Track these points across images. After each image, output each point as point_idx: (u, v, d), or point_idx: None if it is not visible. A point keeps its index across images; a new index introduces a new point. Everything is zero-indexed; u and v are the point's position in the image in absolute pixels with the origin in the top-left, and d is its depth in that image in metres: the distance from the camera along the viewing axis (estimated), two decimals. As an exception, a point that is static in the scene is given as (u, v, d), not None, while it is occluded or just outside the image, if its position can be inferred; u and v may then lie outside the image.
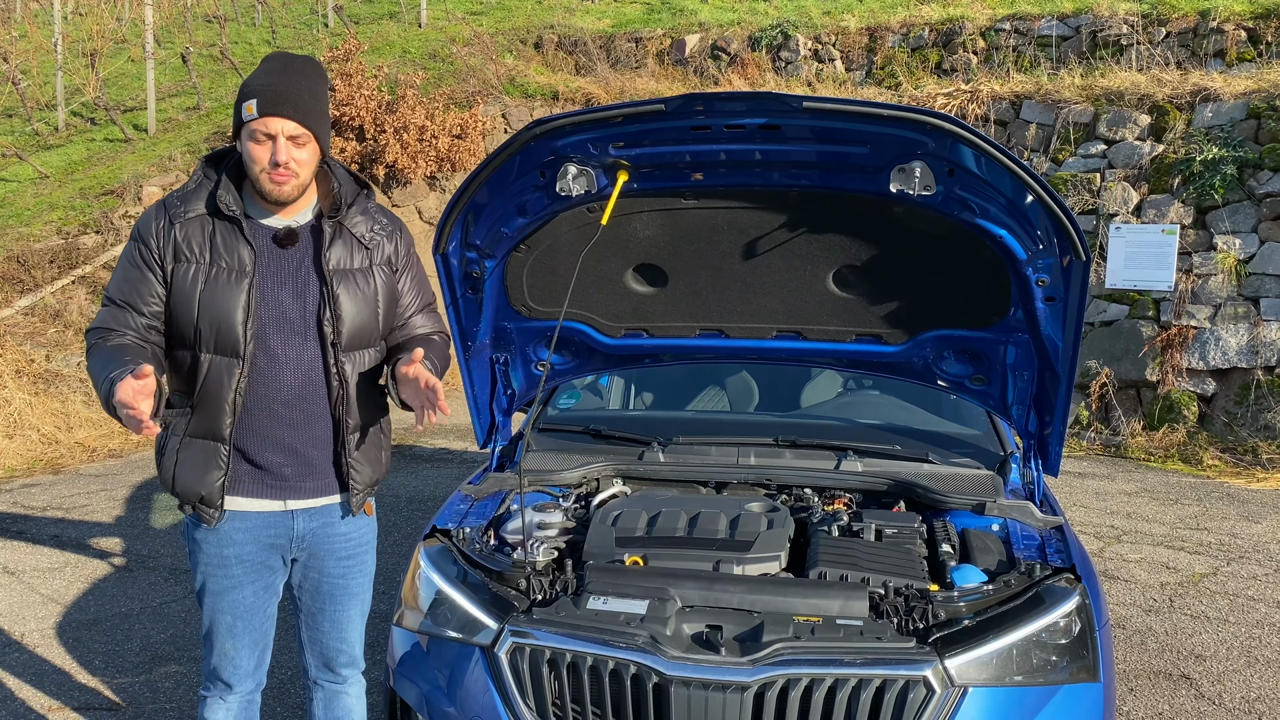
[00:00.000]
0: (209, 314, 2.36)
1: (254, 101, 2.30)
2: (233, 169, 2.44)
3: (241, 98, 2.34)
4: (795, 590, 2.49)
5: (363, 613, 2.73)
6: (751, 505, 2.94)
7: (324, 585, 2.64)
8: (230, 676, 2.61)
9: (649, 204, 2.87)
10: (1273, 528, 6.50)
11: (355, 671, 2.74)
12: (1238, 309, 9.01)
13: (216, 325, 2.36)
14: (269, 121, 2.30)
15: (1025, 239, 2.62)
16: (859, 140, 2.55)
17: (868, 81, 12.97)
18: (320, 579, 2.64)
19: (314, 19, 17.13)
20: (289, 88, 2.33)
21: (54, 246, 10.18)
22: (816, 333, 3.10)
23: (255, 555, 2.53)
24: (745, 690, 2.25)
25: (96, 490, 7.13)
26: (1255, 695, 4.01)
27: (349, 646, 2.70)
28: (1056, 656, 2.44)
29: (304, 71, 2.39)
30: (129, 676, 4.10)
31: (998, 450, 3.47)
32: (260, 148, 2.32)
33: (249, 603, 2.56)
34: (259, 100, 2.30)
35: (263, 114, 2.29)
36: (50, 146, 12.98)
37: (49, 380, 8.92)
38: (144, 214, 2.44)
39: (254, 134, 2.31)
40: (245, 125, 2.33)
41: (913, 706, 2.24)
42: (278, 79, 2.33)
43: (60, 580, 5.25)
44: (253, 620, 2.58)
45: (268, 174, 2.34)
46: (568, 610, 2.46)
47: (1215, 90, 9.65)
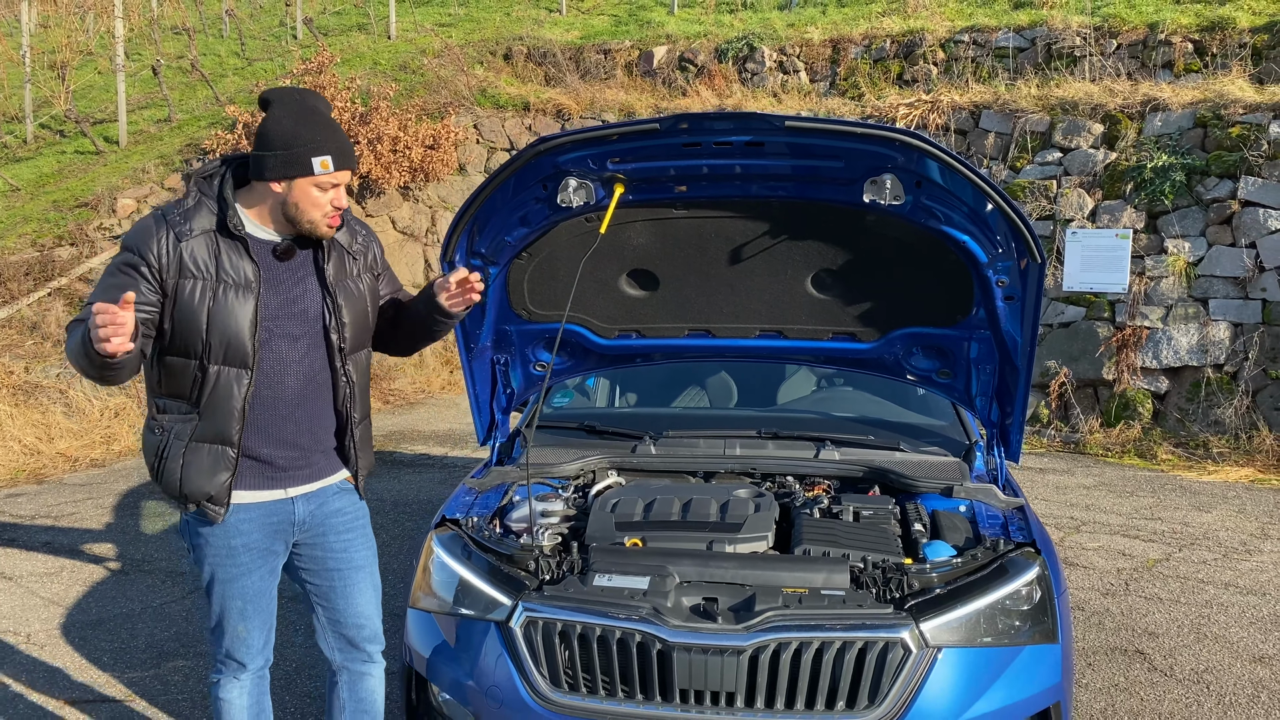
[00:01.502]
0: (219, 328, 2.50)
1: (329, 159, 2.51)
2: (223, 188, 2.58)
3: (306, 151, 2.50)
4: (783, 565, 2.73)
5: (375, 587, 2.89)
6: (739, 491, 3.18)
7: (329, 561, 2.81)
8: (244, 656, 2.78)
9: (642, 214, 3.11)
10: (1222, 517, 6.83)
11: (378, 647, 2.90)
12: (1188, 310, 9.39)
13: (226, 339, 2.51)
14: (339, 175, 2.53)
15: (986, 244, 2.89)
16: (835, 155, 2.80)
17: (831, 92, 13.30)
18: (325, 555, 2.80)
19: (282, 31, 17.22)
20: (346, 141, 2.57)
21: (29, 259, 10.23)
22: (796, 332, 3.35)
23: (260, 542, 2.69)
24: (741, 653, 2.48)
25: (83, 499, 7.22)
26: (1204, 668, 4.30)
27: (368, 620, 2.85)
28: (1020, 621, 2.69)
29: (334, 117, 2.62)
30: (138, 671, 4.26)
31: (963, 439, 3.74)
32: (324, 195, 2.54)
33: (257, 587, 2.72)
34: (334, 157, 2.52)
35: (338, 169, 2.52)
36: (20, 159, 12.99)
37: (28, 391, 8.97)
38: (139, 228, 2.51)
39: (322, 184, 2.52)
40: (313, 176, 2.51)
41: (891, 665, 2.48)
42: (337, 133, 2.54)
43: (59, 584, 5.38)
44: (260, 602, 2.75)
45: (327, 218, 2.57)
46: (576, 587, 2.69)
47: (1164, 100, 10.06)
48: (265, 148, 2.52)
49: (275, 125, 2.52)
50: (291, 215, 2.56)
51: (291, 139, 2.50)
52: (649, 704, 2.52)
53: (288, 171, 2.51)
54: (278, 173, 2.52)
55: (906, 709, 2.47)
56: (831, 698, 2.48)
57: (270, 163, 2.51)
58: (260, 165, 2.53)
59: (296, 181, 2.52)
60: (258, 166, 2.53)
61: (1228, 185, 9.28)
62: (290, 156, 2.50)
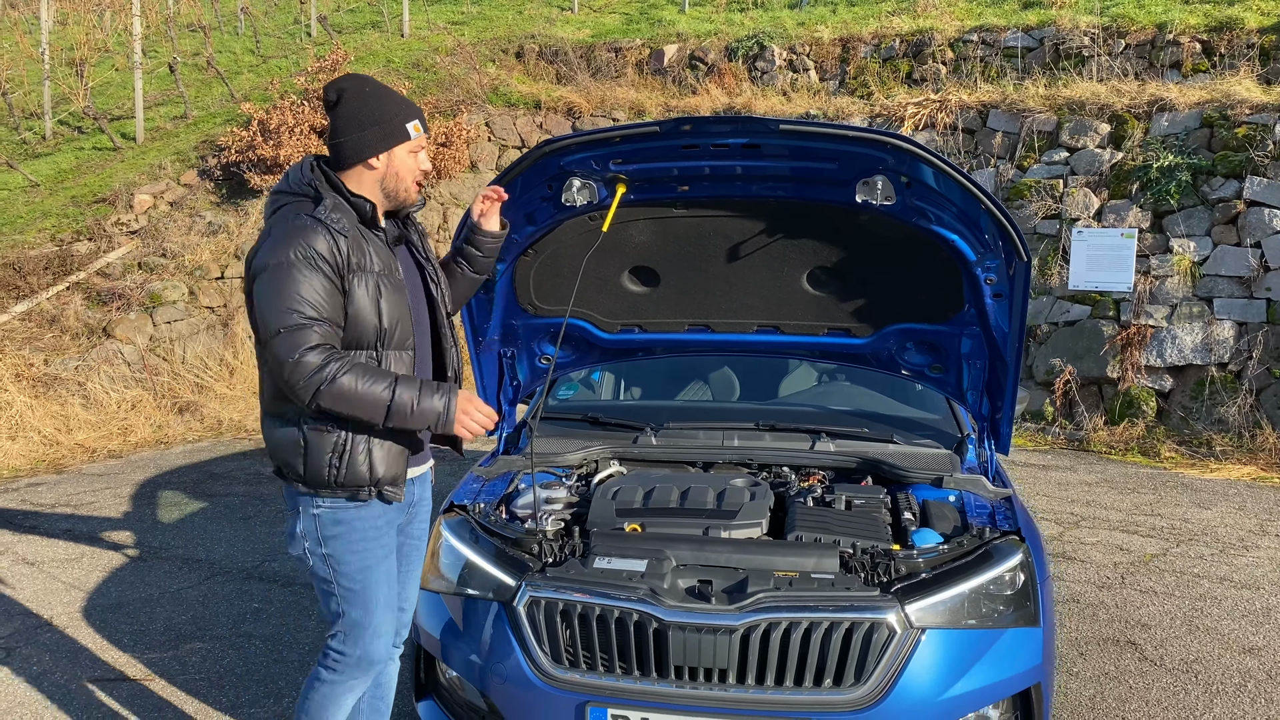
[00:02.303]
0: (388, 316, 2.58)
1: (417, 121, 2.65)
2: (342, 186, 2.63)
3: (400, 119, 2.61)
4: (775, 550, 2.85)
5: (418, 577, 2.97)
6: (735, 481, 3.30)
7: (405, 546, 2.85)
8: (382, 652, 2.71)
9: (644, 213, 3.23)
10: (1222, 513, 6.91)
11: (405, 635, 2.94)
12: (1193, 309, 9.45)
13: (395, 323, 2.60)
14: (423, 138, 2.67)
15: (974, 243, 3.00)
16: (828, 157, 2.92)
17: (840, 91, 13.38)
18: (405, 540, 2.86)
19: (297, 29, 17.38)
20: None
21: (48, 253, 10.40)
22: (792, 327, 3.47)
23: (397, 517, 2.74)
24: (733, 632, 2.60)
25: (101, 488, 7.39)
26: (1194, 658, 4.40)
27: (410, 608, 2.93)
28: (1003, 605, 2.81)
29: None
30: (157, 652, 4.40)
31: (955, 432, 3.85)
32: (416, 160, 2.67)
33: (392, 569, 2.71)
34: (420, 120, 2.65)
35: (424, 130, 2.67)
36: (39, 155, 13.17)
37: (48, 383, 9.15)
38: (302, 232, 2.47)
39: (413, 148, 2.65)
40: (407, 141, 2.63)
41: (876, 645, 2.60)
42: (412, 101, 2.68)
43: (79, 570, 5.53)
44: (393, 586, 2.73)
45: (419, 182, 2.69)
46: (577, 569, 2.81)
47: (1171, 100, 10.13)
48: (359, 128, 2.59)
49: (363, 105, 2.60)
50: (391, 187, 2.65)
51: (384, 112, 2.61)
52: (645, 679, 2.65)
53: (388, 143, 2.61)
54: (379, 146, 2.60)
55: (891, 687, 2.58)
56: (819, 675, 2.60)
57: (369, 139, 2.59)
58: (358, 146, 2.59)
59: (395, 150, 2.62)
60: (355, 149, 2.60)
61: (1233, 185, 9.34)
62: (389, 128, 2.61)
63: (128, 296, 10.11)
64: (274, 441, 2.61)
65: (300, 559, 2.65)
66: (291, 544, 2.67)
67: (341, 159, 2.62)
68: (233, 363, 10.42)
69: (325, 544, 2.60)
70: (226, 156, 11.55)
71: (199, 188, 11.69)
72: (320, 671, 2.72)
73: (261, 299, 2.46)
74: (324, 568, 2.62)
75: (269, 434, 2.63)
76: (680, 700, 2.60)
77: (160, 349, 10.05)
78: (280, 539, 6.06)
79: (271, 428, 2.62)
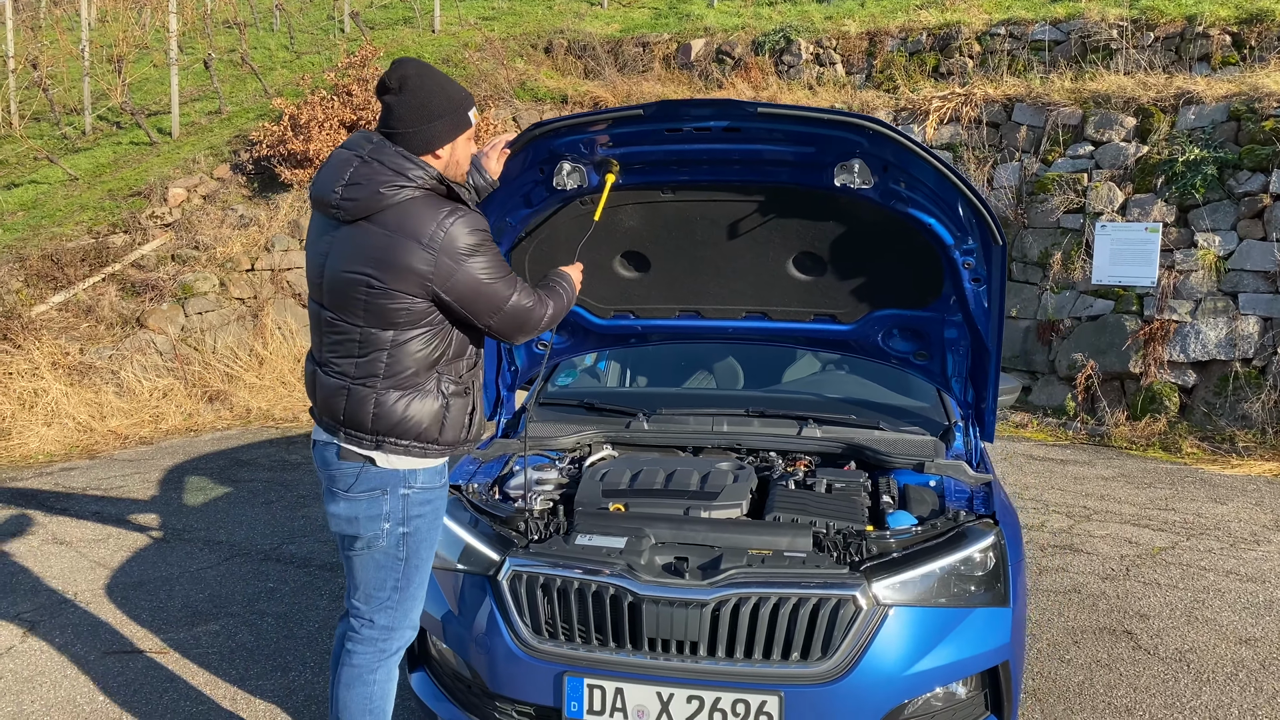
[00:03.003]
0: None
1: (474, 109, 2.75)
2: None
3: (464, 106, 2.70)
4: (751, 529, 2.93)
5: None
6: (721, 464, 3.39)
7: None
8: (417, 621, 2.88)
9: (634, 197, 3.32)
10: (1237, 509, 6.87)
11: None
12: (1217, 304, 9.37)
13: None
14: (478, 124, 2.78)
15: (951, 226, 3.06)
16: (807, 141, 2.99)
17: (867, 85, 13.37)
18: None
19: (330, 25, 17.62)
20: None
21: (85, 245, 10.67)
22: (780, 313, 3.54)
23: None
24: (704, 606, 2.69)
25: (131, 473, 7.61)
26: (1188, 647, 4.42)
27: None
28: (974, 586, 2.87)
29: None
30: (173, 628, 4.57)
31: (943, 420, 3.91)
32: (470, 145, 2.77)
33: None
34: (474, 105, 2.75)
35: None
36: (78, 149, 13.49)
37: (83, 372, 9.41)
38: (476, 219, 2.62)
39: (471, 135, 2.75)
40: (471, 127, 2.73)
41: (843, 621, 2.68)
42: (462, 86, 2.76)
43: (105, 549, 5.73)
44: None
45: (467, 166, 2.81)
46: (559, 545, 2.92)
47: (1198, 93, 10.03)
48: (428, 119, 2.63)
49: (430, 95, 2.63)
50: (450, 175, 2.73)
51: (450, 102, 2.66)
52: (621, 651, 2.74)
53: (454, 133, 2.68)
54: (449, 135, 2.67)
55: (857, 660, 2.66)
56: (787, 648, 2.68)
57: (439, 130, 2.65)
58: (428, 138, 2.64)
59: (459, 139, 2.71)
60: (425, 140, 2.64)
61: (1260, 179, 9.25)
62: (456, 118, 2.68)
63: (161, 288, 10.35)
64: (409, 416, 2.66)
65: (372, 538, 2.72)
66: (362, 525, 2.72)
67: (408, 148, 2.64)
68: (262, 353, 10.64)
69: (408, 523, 2.74)
70: (258, 151, 11.78)
71: (231, 181, 11.93)
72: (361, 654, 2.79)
73: (480, 278, 2.61)
74: (399, 546, 2.75)
75: (401, 411, 2.66)
76: (653, 671, 2.70)
77: (191, 339, 10.29)
78: (299, 522, 6.22)
79: (406, 404, 2.67)
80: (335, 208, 2.60)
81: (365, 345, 2.65)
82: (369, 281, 2.57)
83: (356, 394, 2.67)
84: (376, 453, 2.70)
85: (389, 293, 2.57)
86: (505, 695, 2.86)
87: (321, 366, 2.76)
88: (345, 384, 2.69)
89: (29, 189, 12.29)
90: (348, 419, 2.69)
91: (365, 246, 2.57)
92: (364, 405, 2.67)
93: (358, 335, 2.64)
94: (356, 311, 2.61)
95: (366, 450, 2.69)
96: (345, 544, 2.79)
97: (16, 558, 5.56)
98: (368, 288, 2.58)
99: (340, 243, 2.63)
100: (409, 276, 2.55)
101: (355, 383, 2.67)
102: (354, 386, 2.67)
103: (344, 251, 2.62)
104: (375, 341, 2.64)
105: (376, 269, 2.56)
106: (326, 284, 2.67)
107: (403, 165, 2.59)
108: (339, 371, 2.70)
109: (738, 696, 2.64)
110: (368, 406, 2.67)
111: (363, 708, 2.80)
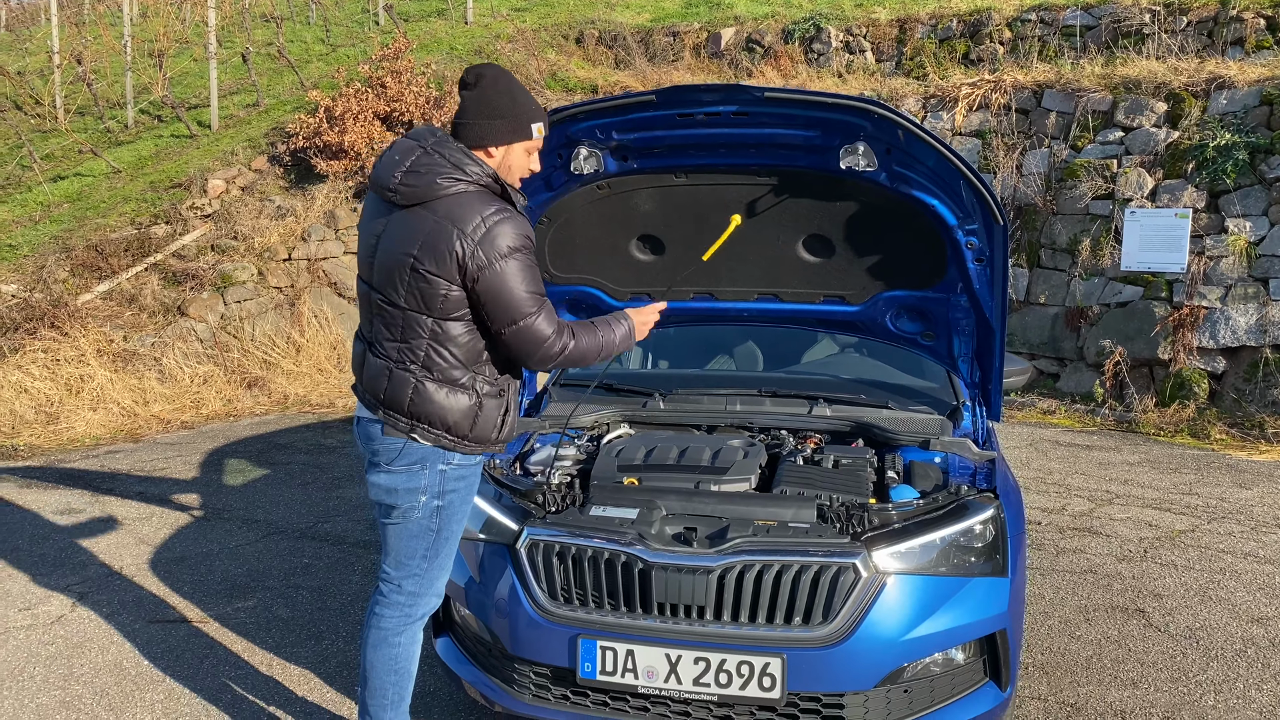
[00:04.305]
0: None
1: (542, 125, 2.89)
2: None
3: (528, 117, 2.84)
4: (758, 502, 3.06)
5: None
6: (732, 441, 3.51)
7: None
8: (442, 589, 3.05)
9: (648, 181, 3.45)
10: (1262, 494, 6.88)
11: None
12: (1248, 289, 9.32)
13: None
14: (540, 140, 2.92)
15: (954, 207, 3.16)
16: (812, 125, 3.10)
17: (896, 73, 13.37)
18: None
19: (365, 18, 17.87)
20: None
21: (128, 236, 10.98)
22: (790, 295, 3.66)
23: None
24: (711, 573, 2.83)
25: (173, 456, 7.87)
26: (1199, 625, 4.49)
27: None
28: (973, 557, 2.98)
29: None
30: (213, 600, 4.77)
31: (951, 400, 4.01)
32: (529, 159, 2.92)
33: None
34: (544, 123, 2.91)
35: (545, 133, 2.92)
36: (121, 143, 13.83)
37: (126, 359, 9.70)
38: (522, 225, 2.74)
39: (530, 148, 2.90)
40: (527, 141, 2.86)
41: (843, 587, 2.80)
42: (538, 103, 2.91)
43: (148, 527, 5.96)
44: None
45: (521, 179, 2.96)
46: (574, 516, 3.06)
47: (1230, 78, 9.95)
48: (488, 116, 2.78)
49: (497, 96, 2.79)
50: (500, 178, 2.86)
51: (515, 107, 2.80)
52: (632, 615, 2.88)
53: (511, 137, 2.82)
54: (502, 138, 2.81)
55: (857, 625, 2.78)
56: (789, 613, 2.81)
57: (496, 129, 2.79)
58: (483, 132, 2.78)
59: (514, 146, 2.85)
60: (479, 134, 2.78)
61: (1291, 164, 9.18)
62: (516, 124, 2.82)
63: (201, 277, 10.63)
64: (443, 408, 2.81)
65: (408, 509, 2.87)
66: (401, 496, 2.86)
67: (464, 139, 2.80)
68: (299, 340, 10.89)
69: (443, 496, 2.89)
70: (294, 143, 12.02)
71: (268, 173, 12.19)
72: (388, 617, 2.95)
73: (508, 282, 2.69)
74: (433, 517, 2.90)
75: (437, 403, 2.80)
76: (662, 634, 2.83)
77: (230, 327, 10.56)
78: (334, 503, 6.43)
79: (443, 396, 2.81)
80: (393, 191, 2.75)
81: (407, 329, 2.79)
82: (413, 264, 2.71)
83: (398, 377, 2.82)
84: (412, 435, 2.85)
85: (429, 277, 2.71)
86: (524, 657, 3.01)
87: (370, 346, 2.92)
88: (389, 366, 2.84)
89: (74, 182, 12.64)
90: (387, 400, 2.85)
91: (415, 230, 2.71)
92: (403, 389, 2.82)
93: (400, 318, 2.79)
94: (400, 292, 2.76)
95: (403, 432, 2.85)
96: (382, 512, 2.95)
97: (66, 534, 5.81)
98: (411, 270, 2.72)
99: (394, 225, 2.77)
100: (447, 262, 2.68)
101: (398, 367, 2.82)
102: (396, 370, 2.83)
103: (395, 234, 2.76)
104: (416, 326, 2.78)
105: (420, 252, 2.70)
106: (377, 264, 2.82)
107: (461, 160, 2.73)
108: (383, 354, 2.85)
109: (742, 658, 2.77)
110: (406, 391, 2.82)
111: (389, 668, 2.97)
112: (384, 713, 3.01)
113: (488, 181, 2.75)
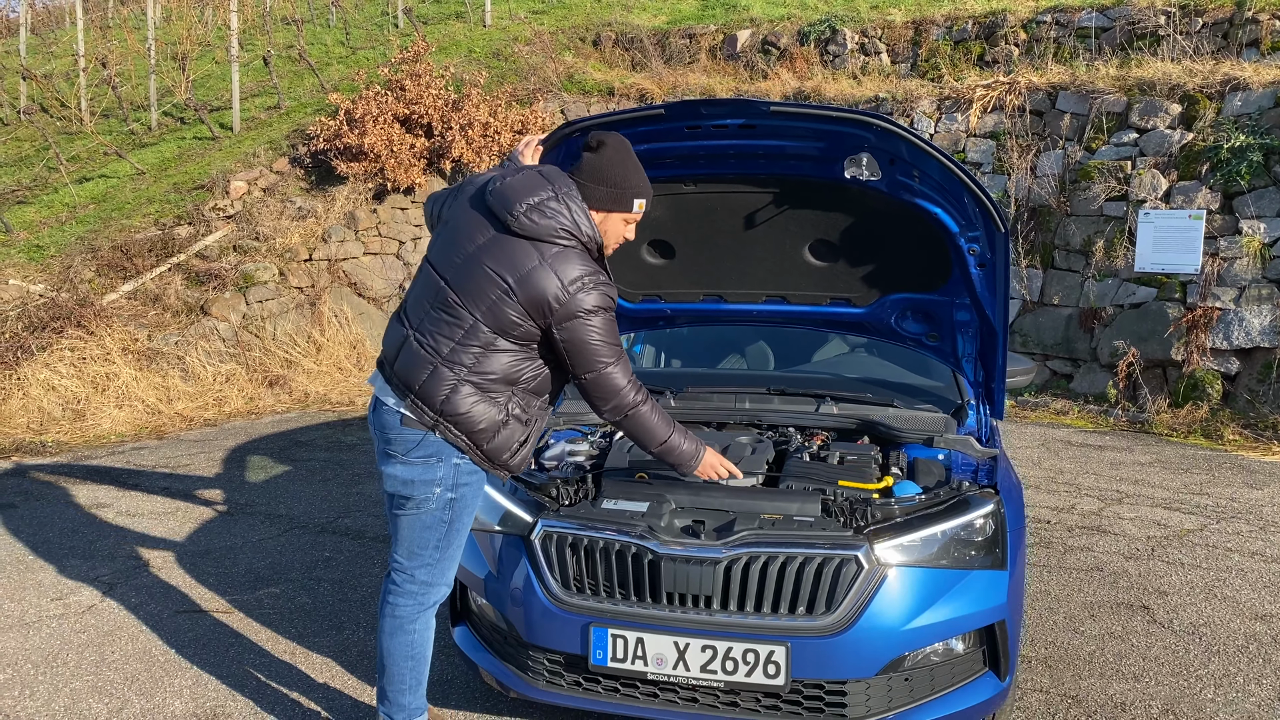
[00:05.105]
0: None
1: (645, 201, 3.07)
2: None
3: (632, 193, 3.02)
4: (764, 496, 3.17)
5: None
6: (741, 438, 3.62)
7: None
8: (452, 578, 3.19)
9: (658, 189, 3.55)
10: (1272, 494, 6.92)
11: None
12: (1261, 291, 9.35)
13: None
14: (640, 214, 3.09)
15: (956, 215, 3.26)
16: (817, 136, 3.20)
17: (911, 74, 13.43)
18: None
19: (385, 20, 18.04)
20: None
21: (152, 237, 11.17)
22: (798, 297, 3.76)
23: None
24: (718, 564, 2.93)
25: (196, 452, 8.03)
26: (1203, 622, 4.56)
27: None
28: (973, 550, 3.07)
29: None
30: (237, 592, 4.91)
31: (956, 399, 4.10)
32: (627, 229, 3.12)
33: None
34: (647, 199, 3.08)
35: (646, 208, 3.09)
36: (145, 145, 14.03)
37: (150, 357, 9.88)
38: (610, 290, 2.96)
39: (629, 220, 3.09)
40: (627, 213, 3.05)
41: (845, 578, 2.90)
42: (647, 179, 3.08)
43: (173, 521, 6.11)
44: None
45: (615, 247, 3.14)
46: (586, 509, 3.18)
47: (1245, 79, 9.98)
48: (597, 181, 2.98)
49: (610, 166, 2.99)
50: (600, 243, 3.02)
51: (623, 180, 3.00)
52: (642, 604, 2.99)
53: (611, 206, 3.02)
54: (603, 205, 3.00)
55: (859, 615, 2.88)
56: (793, 603, 2.91)
57: (599, 195, 2.99)
58: (588, 195, 2.98)
59: (613, 215, 3.04)
60: (587, 196, 2.98)
61: (1306, 166, 9.20)
62: (619, 194, 3.01)
63: (223, 277, 10.81)
64: (473, 414, 2.95)
65: (422, 500, 3.00)
66: (416, 488, 2.99)
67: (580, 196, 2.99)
68: (319, 340, 11.06)
69: (456, 489, 3.02)
70: (315, 145, 12.19)
71: (290, 174, 12.37)
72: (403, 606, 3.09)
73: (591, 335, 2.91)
74: (446, 509, 3.03)
75: (468, 407, 2.94)
76: (670, 622, 2.94)
77: (252, 326, 10.73)
78: (354, 498, 6.57)
79: (476, 403, 2.95)
80: (513, 217, 2.89)
81: (470, 336, 2.94)
82: (507, 288, 2.88)
83: (440, 373, 2.95)
84: (434, 431, 2.98)
85: (517, 306, 2.89)
86: (538, 645, 3.12)
87: (416, 331, 3.02)
88: (435, 361, 2.96)
89: (99, 183, 12.85)
90: (421, 391, 2.97)
91: (519, 260, 2.89)
92: (441, 386, 2.95)
93: (469, 324, 2.93)
94: (482, 305, 2.91)
95: (426, 426, 2.97)
96: (395, 503, 3.07)
97: (94, 528, 5.97)
98: (504, 293, 2.88)
99: (499, 244, 2.92)
100: (538, 303, 2.87)
101: (444, 363, 2.95)
102: (441, 366, 2.95)
103: (498, 253, 2.91)
104: (480, 336, 2.92)
105: (518, 283, 2.87)
106: (465, 268, 2.95)
107: (581, 219, 2.93)
108: (431, 347, 2.97)
109: (748, 646, 2.87)
110: (443, 389, 2.94)
111: (405, 654, 3.10)
112: (402, 697, 3.13)
113: (593, 246, 2.96)
